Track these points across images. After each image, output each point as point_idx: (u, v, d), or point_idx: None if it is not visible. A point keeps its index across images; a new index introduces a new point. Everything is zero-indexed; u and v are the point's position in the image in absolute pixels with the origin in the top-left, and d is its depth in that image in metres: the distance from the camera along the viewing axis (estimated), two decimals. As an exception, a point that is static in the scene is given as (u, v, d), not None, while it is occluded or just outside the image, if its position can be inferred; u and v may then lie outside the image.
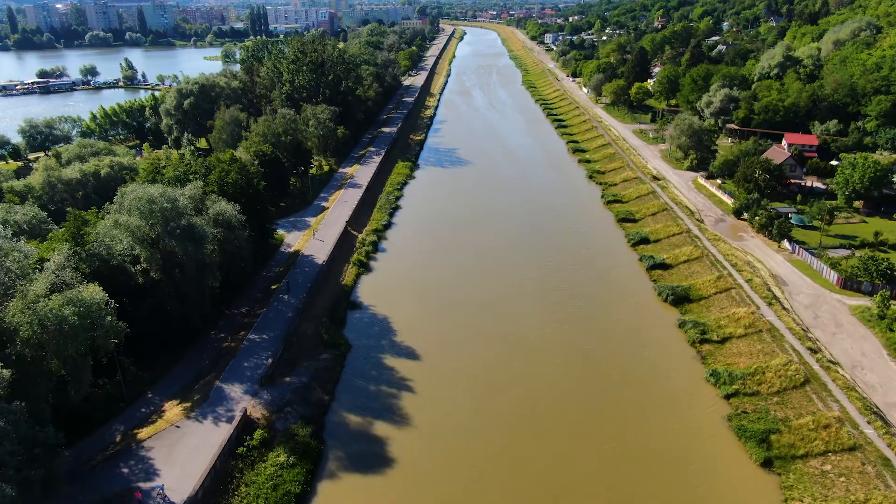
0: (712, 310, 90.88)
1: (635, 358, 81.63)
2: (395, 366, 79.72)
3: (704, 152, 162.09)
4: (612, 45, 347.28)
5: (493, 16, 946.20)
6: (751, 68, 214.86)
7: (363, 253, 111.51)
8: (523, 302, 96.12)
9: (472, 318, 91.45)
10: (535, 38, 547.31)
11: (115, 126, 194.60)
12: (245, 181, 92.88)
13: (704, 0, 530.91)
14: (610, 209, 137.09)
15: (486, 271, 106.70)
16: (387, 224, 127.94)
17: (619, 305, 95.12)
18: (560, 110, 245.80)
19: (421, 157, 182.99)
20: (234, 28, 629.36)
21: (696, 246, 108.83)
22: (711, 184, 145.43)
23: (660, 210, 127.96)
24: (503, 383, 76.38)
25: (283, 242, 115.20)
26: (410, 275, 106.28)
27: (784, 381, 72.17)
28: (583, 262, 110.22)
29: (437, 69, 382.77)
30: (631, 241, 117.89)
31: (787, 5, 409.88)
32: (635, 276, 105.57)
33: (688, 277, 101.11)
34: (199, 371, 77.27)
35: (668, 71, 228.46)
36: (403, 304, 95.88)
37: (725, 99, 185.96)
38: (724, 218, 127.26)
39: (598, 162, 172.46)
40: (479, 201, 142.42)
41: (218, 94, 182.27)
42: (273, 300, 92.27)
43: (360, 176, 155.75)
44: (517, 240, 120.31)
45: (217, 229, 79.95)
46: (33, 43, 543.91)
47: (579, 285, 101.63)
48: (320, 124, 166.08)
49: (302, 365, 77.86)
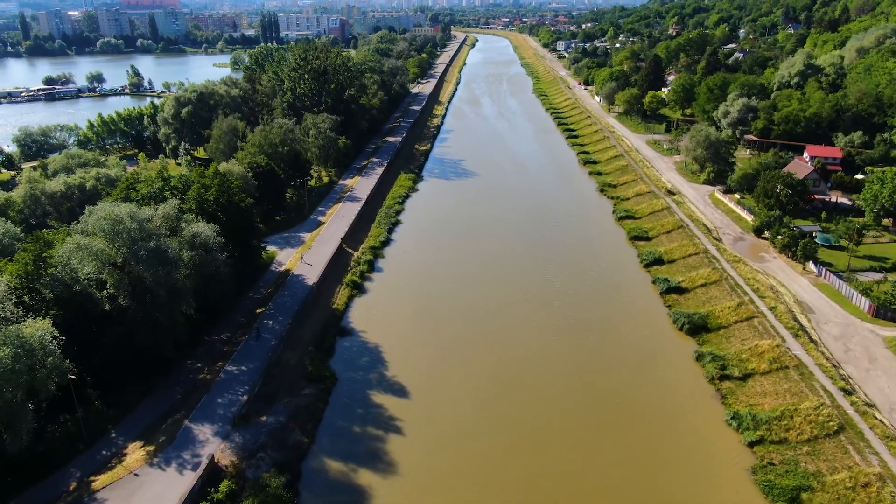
0: (733, 341, 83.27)
1: (647, 395, 74.21)
2: (383, 403, 72.78)
3: (722, 165, 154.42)
4: (625, 52, 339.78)
5: (505, 23, 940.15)
6: (770, 77, 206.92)
7: (357, 273, 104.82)
8: (527, 330, 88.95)
9: (470, 349, 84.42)
10: (547, 45, 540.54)
11: (113, 135, 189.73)
12: (227, 198, 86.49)
13: (720, 7, 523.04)
14: (622, 226, 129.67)
15: (488, 295, 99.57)
16: (385, 240, 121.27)
17: (631, 335, 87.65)
18: (571, 119, 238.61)
19: (425, 168, 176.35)
20: (245, 35, 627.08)
21: (714, 268, 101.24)
22: (729, 199, 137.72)
23: (675, 227, 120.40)
24: (502, 426, 69.20)
25: (273, 260, 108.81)
26: (407, 298, 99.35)
27: (815, 427, 64.51)
28: (592, 285, 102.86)
29: (447, 77, 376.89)
30: (644, 262, 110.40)
31: (806, 13, 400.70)
32: (648, 300, 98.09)
33: (705, 303, 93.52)
34: (170, 405, 70.88)
35: (683, 79, 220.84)
36: (397, 330, 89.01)
37: (743, 109, 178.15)
38: (743, 236, 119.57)
39: (609, 174, 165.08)
40: (483, 216, 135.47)
41: (217, 103, 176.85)
42: (257, 325, 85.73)
43: (360, 188, 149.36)
44: (522, 259, 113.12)
45: (192, 252, 73.55)
46: (45, 49, 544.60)
47: (589, 312, 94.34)
48: (321, 134, 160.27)
49: (281, 401, 71.15)
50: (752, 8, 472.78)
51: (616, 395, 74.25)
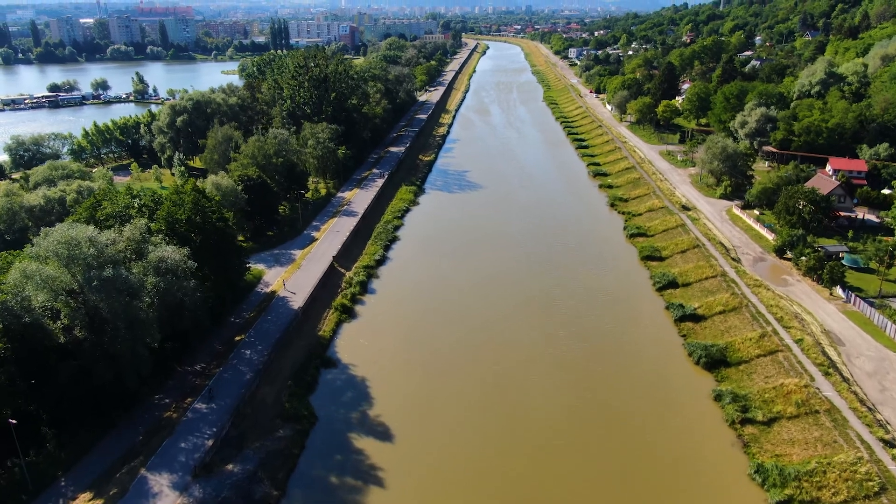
0: (755, 378, 75.37)
1: (661, 442, 66.46)
2: (365, 448, 65.52)
3: (739, 178, 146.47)
4: (638, 59, 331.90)
5: (517, 30, 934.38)
6: (789, 86, 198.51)
7: (348, 295, 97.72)
8: (529, 365, 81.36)
9: (465, 387, 76.97)
10: (558, 52, 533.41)
11: (108, 144, 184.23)
12: (202, 217, 79.76)
13: (735, 14, 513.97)
14: (633, 244, 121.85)
15: (487, 324, 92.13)
16: (381, 259, 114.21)
17: (643, 370, 79.81)
18: (581, 129, 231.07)
19: (428, 180, 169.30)
20: (254, 42, 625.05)
21: (733, 293, 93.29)
22: (748, 215, 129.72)
23: (690, 247, 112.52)
24: (501, 483, 61.70)
25: (260, 280, 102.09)
26: (399, 324, 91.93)
27: (853, 487, 56.58)
28: (601, 312, 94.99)
29: (456, 84, 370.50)
30: (657, 285, 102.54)
31: (824, 19, 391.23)
32: (661, 329, 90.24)
33: (724, 333, 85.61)
34: (130, 446, 64.12)
35: (698, 88, 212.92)
36: (386, 362, 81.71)
37: (762, 119, 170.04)
38: (763, 256, 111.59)
39: (620, 187, 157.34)
40: (485, 233, 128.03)
41: (214, 111, 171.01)
42: (233, 356, 78.89)
43: (357, 202, 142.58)
44: (526, 281, 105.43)
45: (157, 278, 66.83)
46: (55, 56, 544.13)
47: (597, 344, 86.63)
48: (319, 144, 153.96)
49: (252, 445, 64.12)
50: (769, 15, 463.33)
51: (626, 443, 66.55)
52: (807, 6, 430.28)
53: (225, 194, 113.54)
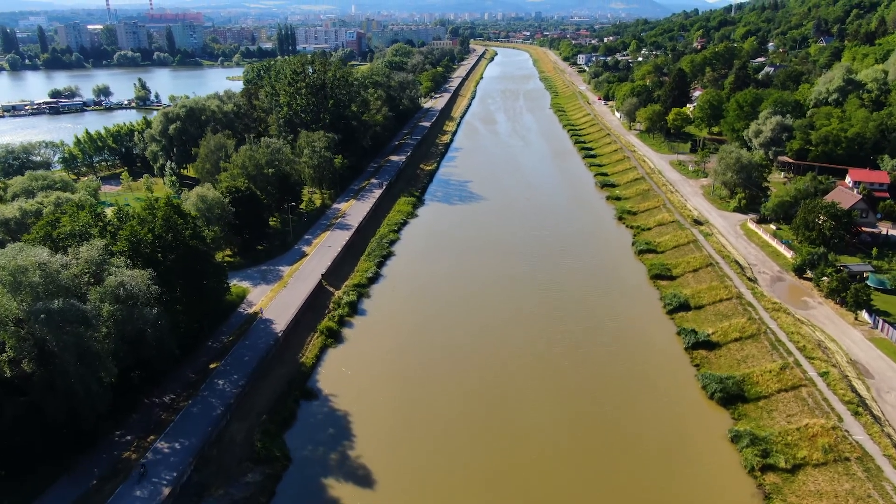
0: (776, 416, 68.33)
1: (670, 490, 59.53)
2: (343, 497, 58.96)
3: (754, 190, 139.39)
4: (647, 66, 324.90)
5: (526, 37, 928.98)
6: (805, 93, 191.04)
7: (335, 318, 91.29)
8: (529, 399, 74.65)
9: (459, 421, 70.39)
10: (567, 58, 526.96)
11: (101, 151, 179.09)
12: (174, 235, 73.64)
13: (747, 20, 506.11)
14: (642, 260, 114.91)
15: (484, 348, 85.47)
16: (373, 276, 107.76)
17: (653, 406, 72.74)
18: (589, 137, 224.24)
19: (429, 191, 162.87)
20: (261, 48, 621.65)
21: (750, 318, 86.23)
22: (764, 230, 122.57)
23: (703, 265, 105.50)
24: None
25: (243, 300, 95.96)
26: (389, 350, 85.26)
27: (892, 553, 49.60)
28: (608, 338, 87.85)
29: (462, 91, 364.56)
30: (667, 307, 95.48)
31: (839, 25, 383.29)
32: (672, 357, 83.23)
33: (741, 364, 78.57)
34: (83, 493, 57.79)
35: (710, 95, 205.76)
36: (373, 393, 75.17)
37: (777, 128, 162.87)
38: (781, 276, 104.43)
39: (629, 199, 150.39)
40: (486, 249, 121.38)
41: (208, 118, 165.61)
42: (205, 387, 72.64)
43: (353, 214, 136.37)
44: (527, 305, 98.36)
45: (115, 306, 60.68)
46: (62, 62, 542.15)
47: (601, 371, 79.84)
48: (315, 153, 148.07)
49: (215, 493, 57.72)
50: (782, 21, 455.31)
51: (632, 489, 59.69)
52: (821, 12, 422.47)
53: (210, 207, 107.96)
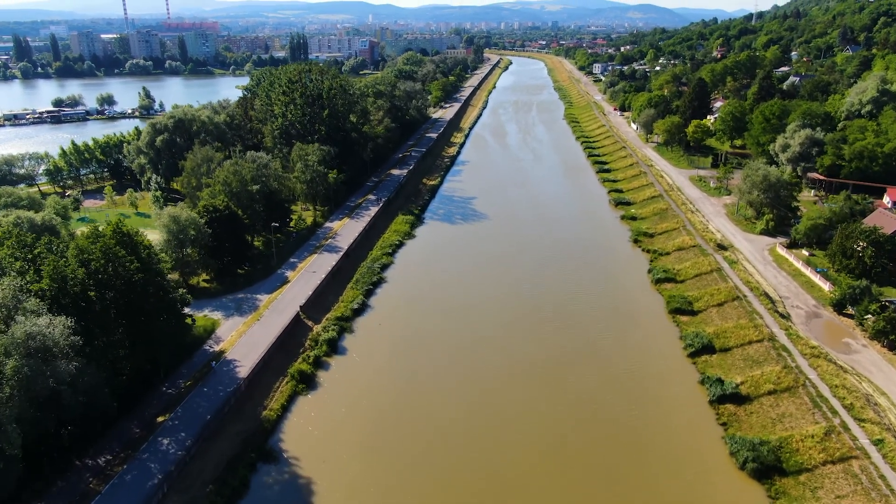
0: (822, 497, 56.56)
1: None
2: None
3: (783, 210, 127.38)
4: (665, 75, 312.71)
5: (541, 45, 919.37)
6: (836, 104, 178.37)
7: (311, 358, 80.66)
8: (529, 466, 63.53)
9: (447, 499, 59.45)
10: (582, 68, 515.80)
11: (88, 164, 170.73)
12: (114, 268, 63.47)
13: (769, 28, 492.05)
14: (660, 291, 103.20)
15: (477, 400, 74.35)
16: (359, 307, 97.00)
17: (672, 476, 61.14)
18: (603, 150, 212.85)
19: (429, 209, 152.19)
20: (273, 57, 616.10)
21: (785, 366, 74.48)
22: (795, 256, 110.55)
23: (728, 299, 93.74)
24: None
25: (212, 334, 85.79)
26: (368, 398, 74.14)
27: None
28: (620, 388, 76.29)
29: (473, 101, 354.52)
30: (689, 349, 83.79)
31: (865, 33, 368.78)
32: (695, 413, 71.57)
33: (776, 424, 66.85)
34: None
35: (732, 106, 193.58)
36: (346, 456, 64.22)
37: (807, 142, 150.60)
38: (818, 311, 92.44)
39: (645, 219, 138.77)
40: (486, 277, 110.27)
41: (199, 129, 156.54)
42: (146, 448, 62.22)
43: (345, 234, 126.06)
44: (530, 348, 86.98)
45: (22, 361, 50.56)
46: (74, 71, 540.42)
47: (613, 432, 68.39)
48: (308, 168, 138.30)
49: None
50: (805, 29, 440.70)
51: None
52: (846, 20, 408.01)
53: (184, 229, 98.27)
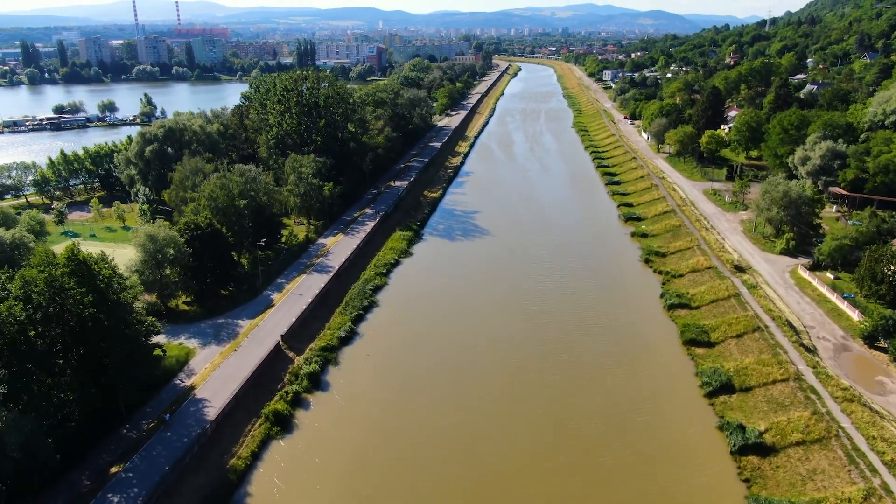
0: (865, 578, 48.86)
1: None
2: None
3: (804, 229, 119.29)
4: (677, 83, 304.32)
5: (551, 52, 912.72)
6: (858, 114, 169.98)
7: (289, 395, 73.51)
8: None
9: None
10: (592, 74, 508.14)
11: (77, 174, 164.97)
12: (62, 302, 56.66)
13: (783, 34, 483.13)
14: (673, 319, 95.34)
15: (473, 447, 66.96)
16: (347, 335, 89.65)
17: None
18: (613, 160, 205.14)
19: (429, 223, 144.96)
20: (281, 63, 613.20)
21: (815, 412, 66.62)
22: (820, 279, 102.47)
23: (748, 329, 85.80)
24: None
25: (185, 365, 78.95)
26: (349, 449, 66.75)
27: None
28: (629, 433, 68.71)
29: (480, 108, 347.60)
30: (705, 388, 75.95)
31: (883, 40, 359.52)
32: (714, 467, 63.64)
33: (807, 482, 59.00)
34: None
35: (747, 116, 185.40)
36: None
37: (828, 154, 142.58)
38: (846, 344, 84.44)
39: (657, 237, 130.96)
40: (486, 299, 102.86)
41: (190, 139, 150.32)
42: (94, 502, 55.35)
43: (337, 252, 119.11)
44: (532, 385, 79.22)
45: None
46: (81, 77, 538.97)
47: (621, 489, 60.85)
48: (301, 180, 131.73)
49: None
50: (820, 36, 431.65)
51: None
52: (863, 26, 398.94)
53: (161, 248, 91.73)
